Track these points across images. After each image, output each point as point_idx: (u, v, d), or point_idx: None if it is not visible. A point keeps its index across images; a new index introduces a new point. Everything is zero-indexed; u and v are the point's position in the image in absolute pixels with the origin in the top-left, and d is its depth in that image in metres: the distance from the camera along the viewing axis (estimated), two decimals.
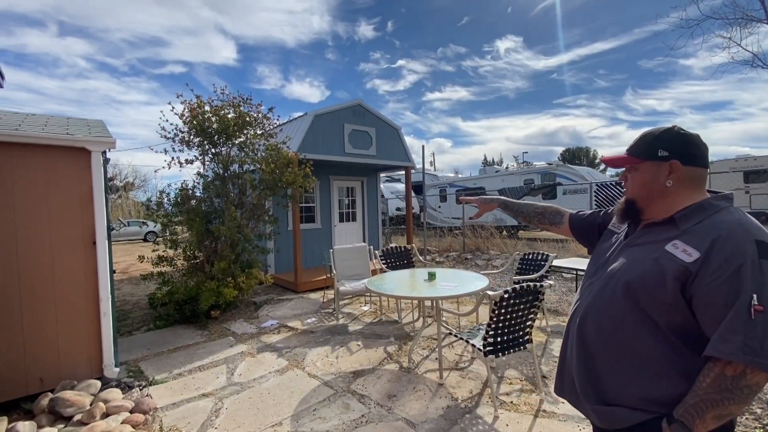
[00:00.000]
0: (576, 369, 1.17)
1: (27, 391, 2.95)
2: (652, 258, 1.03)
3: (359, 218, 9.58)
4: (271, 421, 2.73)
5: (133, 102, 72.96)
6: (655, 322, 1.01)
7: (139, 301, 6.47)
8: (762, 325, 0.86)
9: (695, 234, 0.99)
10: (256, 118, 5.77)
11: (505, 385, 3.16)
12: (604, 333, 1.10)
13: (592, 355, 1.13)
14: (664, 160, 1.06)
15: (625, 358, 1.06)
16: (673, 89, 69.16)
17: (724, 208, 1.01)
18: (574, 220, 1.51)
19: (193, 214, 5.24)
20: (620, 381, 1.07)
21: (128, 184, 35.64)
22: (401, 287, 3.92)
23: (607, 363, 1.10)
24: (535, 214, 1.64)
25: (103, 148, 3.26)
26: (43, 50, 54.70)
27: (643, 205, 1.13)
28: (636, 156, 1.12)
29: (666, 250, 1.01)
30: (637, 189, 1.13)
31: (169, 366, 3.73)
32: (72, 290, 3.15)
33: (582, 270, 5.14)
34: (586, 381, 1.14)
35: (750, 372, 0.87)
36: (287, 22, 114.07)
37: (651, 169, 1.09)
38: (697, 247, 0.96)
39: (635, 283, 1.04)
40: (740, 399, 0.89)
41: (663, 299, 0.98)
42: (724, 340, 0.89)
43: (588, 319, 1.15)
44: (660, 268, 1.00)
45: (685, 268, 0.95)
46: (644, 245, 1.09)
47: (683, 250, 0.98)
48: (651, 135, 1.10)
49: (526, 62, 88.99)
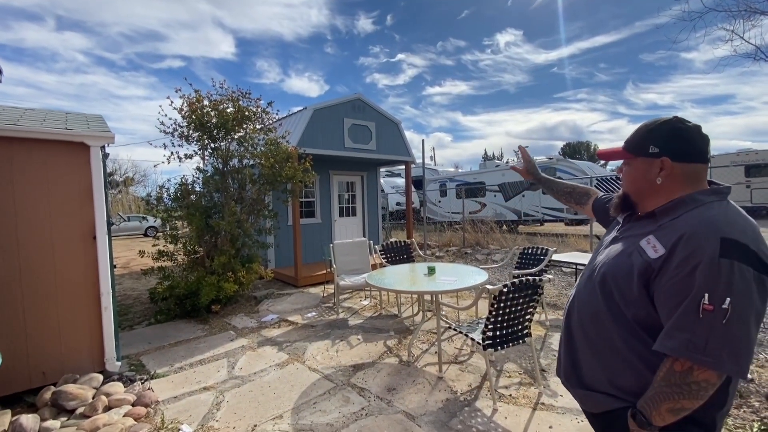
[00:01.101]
0: (563, 355, 1.25)
1: (30, 385, 2.98)
2: (627, 252, 1.05)
3: (359, 213, 9.58)
4: (272, 414, 2.75)
5: (131, 97, 72.84)
6: (624, 315, 1.03)
7: (140, 295, 6.49)
8: (709, 324, 0.86)
9: (668, 230, 0.98)
10: (255, 112, 5.75)
11: (504, 378, 3.18)
12: (583, 323, 1.15)
13: (574, 342, 1.19)
14: (655, 157, 1.04)
15: (600, 347, 1.10)
16: (675, 83, 68.91)
17: (707, 203, 0.99)
18: (597, 203, 1.52)
19: (193, 209, 5.24)
20: (595, 368, 1.12)
21: (128, 179, 35.63)
22: (401, 282, 3.93)
23: (584, 350, 1.15)
24: (563, 192, 1.71)
25: (102, 143, 3.26)
26: (41, 45, 54.52)
27: (637, 200, 1.13)
28: (629, 151, 1.11)
29: (639, 244, 1.02)
30: (629, 184, 1.14)
31: (171, 360, 3.75)
32: (73, 285, 3.17)
33: (582, 264, 5.21)
34: (570, 366, 1.20)
35: (697, 369, 0.88)
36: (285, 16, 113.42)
37: (642, 166, 1.08)
38: (665, 243, 0.96)
39: (609, 276, 1.07)
40: (689, 394, 0.90)
41: (630, 294, 1.00)
42: (670, 336, 0.91)
43: (574, 308, 1.20)
44: (630, 263, 1.02)
45: (648, 264, 0.97)
46: (626, 239, 1.11)
47: (652, 246, 0.98)
48: (645, 129, 1.08)
49: (527, 56, 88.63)
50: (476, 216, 14.44)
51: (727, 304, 0.85)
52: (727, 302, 0.86)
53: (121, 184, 34.08)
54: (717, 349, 0.86)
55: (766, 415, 2.48)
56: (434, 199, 18.42)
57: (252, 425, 2.63)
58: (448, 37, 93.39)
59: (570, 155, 40.79)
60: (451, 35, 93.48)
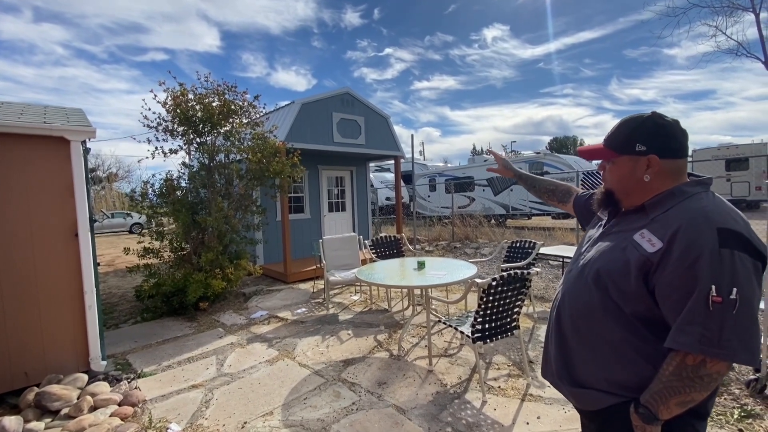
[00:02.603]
0: (554, 353, 1.22)
1: (12, 386, 2.90)
2: (621, 247, 1.04)
3: (349, 208, 9.55)
4: (262, 411, 2.74)
5: (113, 90, 71.04)
6: (621, 310, 1.02)
7: (125, 293, 6.37)
8: (720, 316, 0.87)
9: (661, 223, 0.99)
10: (241, 106, 5.65)
11: (493, 370, 3.22)
12: (576, 320, 1.13)
13: (566, 340, 1.17)
14: (641, 155, 1.04)
15: (595, 344, 1.08)
16: (657, 78, 70.13)
17: (695, 194, 1.00)
18: (577, 200, 1.54)
19: (179, 205, 5.15)
20: (590, 365, 1.10)
21: (112, 174, 34.81)
22: (391, 276, 3.93)
23: (578, 348, 1.13)
24: (546, 190, 1.72)
25: (82, 138, 3.17)
26: (18, 36, 52.56)
27: (621, 196, 1.13)
28: (613, 149, 1.10)
29: (633, 239, 1.02)
30: (615, 182, 1.12)
31: (158, 358, 3.70)
32: (55, 283, 3.09)
33: (568, 257, 5.25)
34: (562, 365, 1.18)
35: (709, 362, 0.89)
36: (271, 9, 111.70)
37: (628, 164, 1.07)
38: (661, 236, 0.96)
39: (603, 272, 1.05)
40: (701, 387, 0.91)
41: (627, 288, 1.00)
42: (682, 331, 0.90)
43: (564, 305, 1.18)
44: (625, 258, 1.01)
45: (646, 258, 0.96)
46: (617, 234, 1.10)
47: (648, 240, 0.98)
48: (628, 127, 1.08)
49: (513, 51, 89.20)
50: (465, 210, 14.53)
51: (734, 295, 0.86)
52: (734, 292, 0.86)
53: (104, 180, 33.29)
54: (730, 341, 0.87)
55: (746, 402, 2.57)
56: (424, 194, 18.46)
57: (242, 422, 2.61)
58: (436, 32, 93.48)
59: (557, 150, 41.28)
60: (439, 30, 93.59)
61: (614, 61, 76.34)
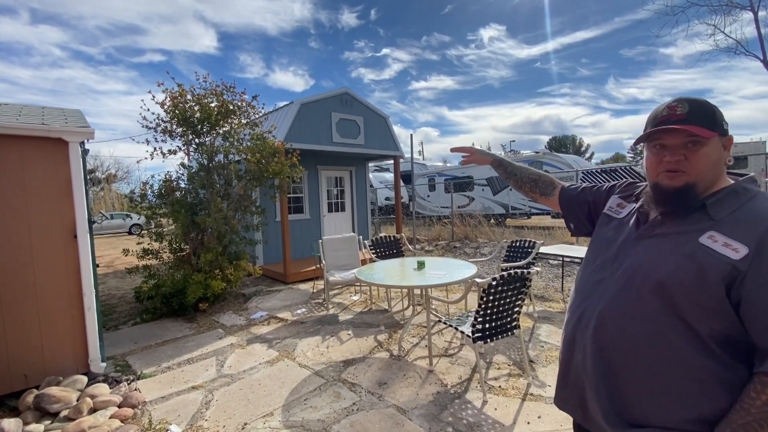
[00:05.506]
0: (594, 386, 0.99)
1: (11, 388, 2.89)
2: (684, 253, 0.87)
3: (348, 208, 9.54)
4: (262, 412, 2.73)
5: (111, 92, 70.82)
6: (694, 330, 0.85)
7: (125, 295, 6.36)
8: None
9: (735, 225, 0.84)
10: (240, 106, 5.64)
11: (493, 370, 3.22)
12: (632, 345, 0.93)
13: (615, 370, 0.95)
14: (724, 135, 0.91)
15: (664, 374, 0.89)
16: (654, 78, 70.04)
17: (757, 193, 0.89)
18: (564, 194, 1.40)
19: (178, 206, 5.14)
20: (653, 400, 0.91)
21: (110, 175, 34.78)
22: (391, 276, 3.93)
23: (637, 379, 0.93)
24: (528, 180, 1.52)
25: (81, 139, 3.16)
26: (15, 38, 52.33)
27: (703, 189, 0.91)
28: (709, 128, 0.89)
29: (701, 243, 0.86)
30: (707, 169, 0.90)
31: (158, 359, 3.69)
32: (53, 285, 3.08)
33: (568, 256, 5.19)
34: (611, 405, 0.96)
35: None
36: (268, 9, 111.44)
37: (718, 146, 0.91)
38: (744, 240, 0.81)
39: (670, 283, 0.87)
40: None
41: (704, 303, 0.83)
42: None
43: (608, 326, 0.96)
44: (697, 266, 0.84)
45: (732, 266, 0.80)
46: (668, 237, 0.93)
47: (724, 244, 0.83)
48: (706, 103, 0.92)
49: (510, 51, 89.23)
50: (465, 210, 14.53)
51: None
52: None
53: (103, 181, 33.26)
54: None
55: None
56: (423, 194, 18.47)
57: (242, 423, 2.60)
58: (433, 32, 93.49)
59: (556, 149, 41.26)
60: (435, 30, 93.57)
61: (611, 60, 76.51)
